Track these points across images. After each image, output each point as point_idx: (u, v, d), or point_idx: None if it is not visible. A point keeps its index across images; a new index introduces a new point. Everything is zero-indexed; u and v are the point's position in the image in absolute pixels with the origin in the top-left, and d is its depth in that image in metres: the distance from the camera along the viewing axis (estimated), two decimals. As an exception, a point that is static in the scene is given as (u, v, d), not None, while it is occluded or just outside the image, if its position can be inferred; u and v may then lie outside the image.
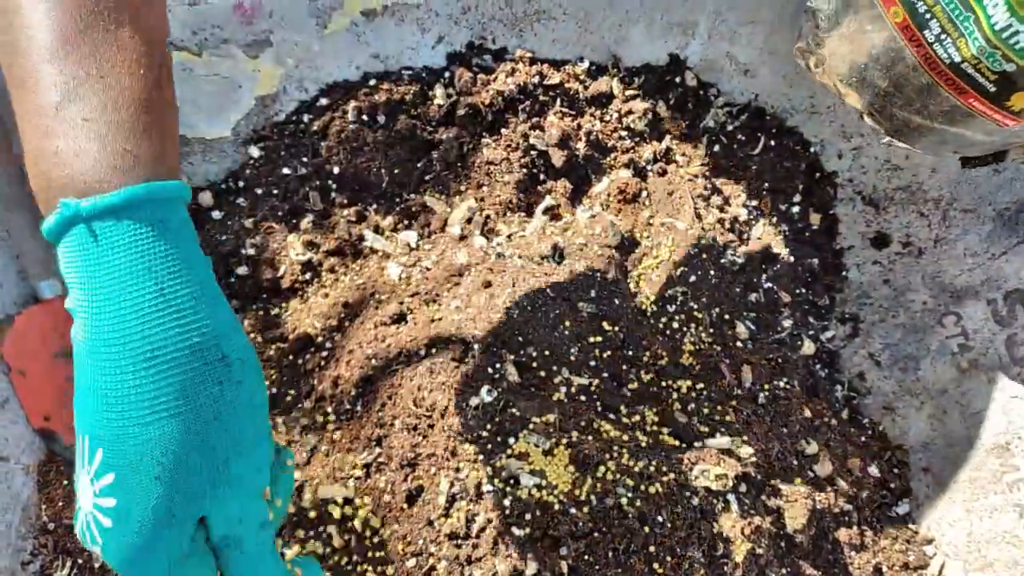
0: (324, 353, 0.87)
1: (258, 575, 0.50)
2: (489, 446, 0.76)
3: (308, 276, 0.92)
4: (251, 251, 0.93)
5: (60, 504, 0.86)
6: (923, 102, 0.69)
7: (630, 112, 0.98)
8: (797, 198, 1.00)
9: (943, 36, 0.63)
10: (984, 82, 0.63)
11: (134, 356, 0.43)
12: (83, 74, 0.45)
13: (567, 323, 0.84)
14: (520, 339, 0.83)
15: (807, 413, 0.89)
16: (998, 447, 0.84)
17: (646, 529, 0.71)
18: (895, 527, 0.86)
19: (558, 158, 0.96)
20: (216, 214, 0.97)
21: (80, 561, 0.85)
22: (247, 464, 0.47)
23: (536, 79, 0.98)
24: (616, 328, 0.86)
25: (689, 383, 0.85)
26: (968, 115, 0.66)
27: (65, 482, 0.88)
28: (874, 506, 0.87)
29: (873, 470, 0.88)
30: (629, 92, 0.99)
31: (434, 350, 0.83)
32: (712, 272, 0.93)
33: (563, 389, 0.80)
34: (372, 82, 0.97)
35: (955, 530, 0.85)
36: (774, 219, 0.99)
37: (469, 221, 0.94)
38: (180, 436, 0.44)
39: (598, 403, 0.80)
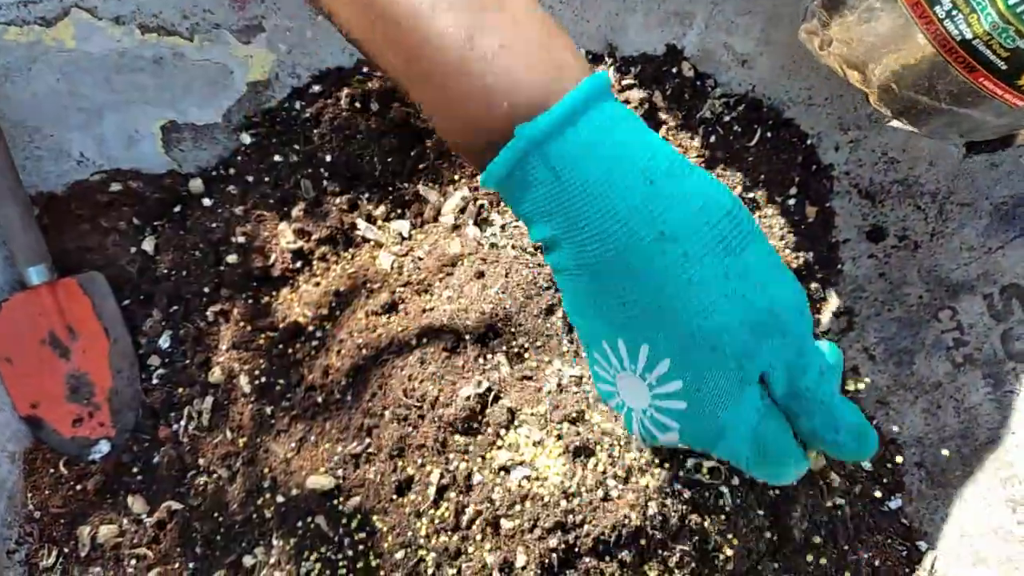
0: (314, 342, 0.86)
1: (834, 422, 0.50)
2: (479, 437, 0.76)
3: (299, 265, 0.91)
4: (241, 239, 0.92)
5: (46, 492, 0.86)
6: (932, 82, 0.67)
7: (626, 102, 0.97)
8: (793, 191, 0.99)
9: (954, 12, 0.61)
10: (995, 60, 0.61)
11: (669, 249, 0.44)
12: (479, 8, 0.44)
13: (560, 313, 0.83)
14: (512, 330, 0.82)
15: (801, 407, 0.88)
16: (992, 442, 0.84)
17: (637, 522, 0.71)
18: (888, 522, 0.86)
19: (553, 148, 0.95)
20: (206, 201, 0.96)
21: (66, 550, 0.84)
22: (788, 310, 0.48)
23: (531, 68, 0.97)
24: (609, 319, 0.85)
25: (682, 375, 0.84)
26: (978, 95, 0.65)
27: (51, 470, 0.87)
28: (867, 501, 0.87)
29: (866, 464, 0.88)
30: (625, 82, 0.98)
31: (425, 340, 0.82)
32: (707, 264, 0.92)
33: (554, 380, 0.79)
34: (366, 69, 0.96)
35: (948, 525, 0.84)
36: (770, 212, 0.98)
37: (463, 211, 0.93)
38: (728, 306, 0.45)
39: (590, 394, 0.79)
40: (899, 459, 0.90)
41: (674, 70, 1.00)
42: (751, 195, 0.98)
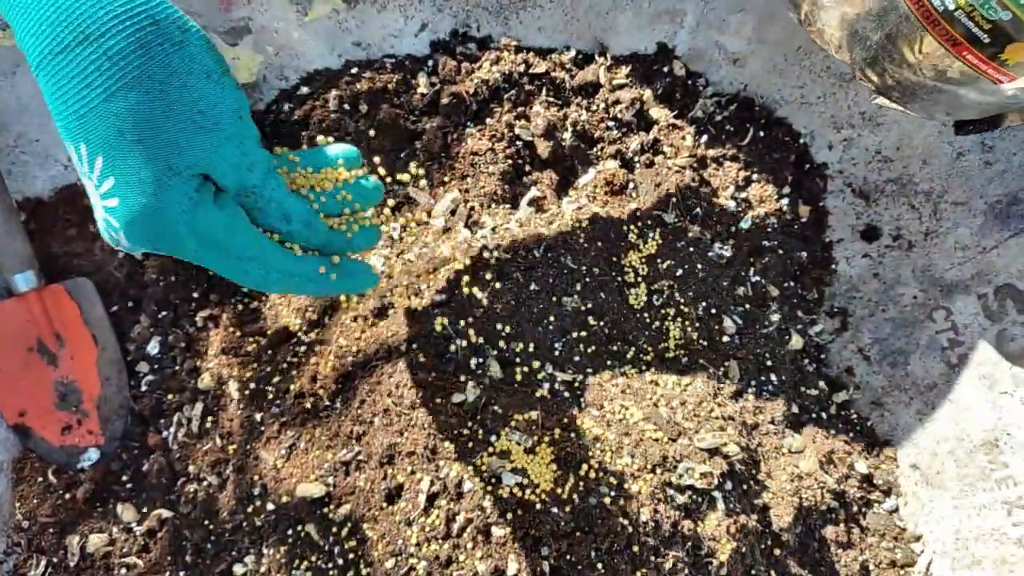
0: (303, 348, 0.85)
1: (284, 213, 0.56)
2: (470, 444, 0.75)
3: (288, 269, 0.90)
4: (230, 243, 0.91)
5: (35, 501, 0.85)
6: (915, 56, 0.66)
7: (617, 102, 0.97)
8: (786, 190, 0.98)
9: None
10: (978, 32, 0.60)
11: (72, 38, 0.46)
12: None
13: (551, 318, 0.82)
14: (503, 334, 0.81)
15: (794, 409, 0.87)
16: (987, 443, 0.83)
17: (629, 528, 0.70)
18: (882, 524, 0.85)
19: (544, 149, 0.94)
20: (194, 205, 0.95)
21: (55, 560, 0.83)
22: (222, 112, 0.51)
23: (521, 68, 0.96)
24: (601, 323, 0.84)
25: (675, 378, 0.83)
26: (961, 70, 0.64)
27: (40, 479, 0.86)
28: (861, 503, 0.86)
29: (861, 466, 0.87)
30: (616, 81, 0.97)
31: (415, 345, 0.81)
32: (699, 265, 0.92)
33: (546, 385, 0.79)
34: (354, 70, 0.95)
35: (943, 527, 0.84)
36: (763, 211, 0.97)
37: (453, 213, 0.92)
38: (145, 100, 0.47)
39: (581, 400, 0.78)
40: (894, 460, 0.90)
41: (665, 69, 0.99)
42: (743, 194, 0.97)
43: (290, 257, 0.58)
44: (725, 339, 0.88)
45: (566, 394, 0.79)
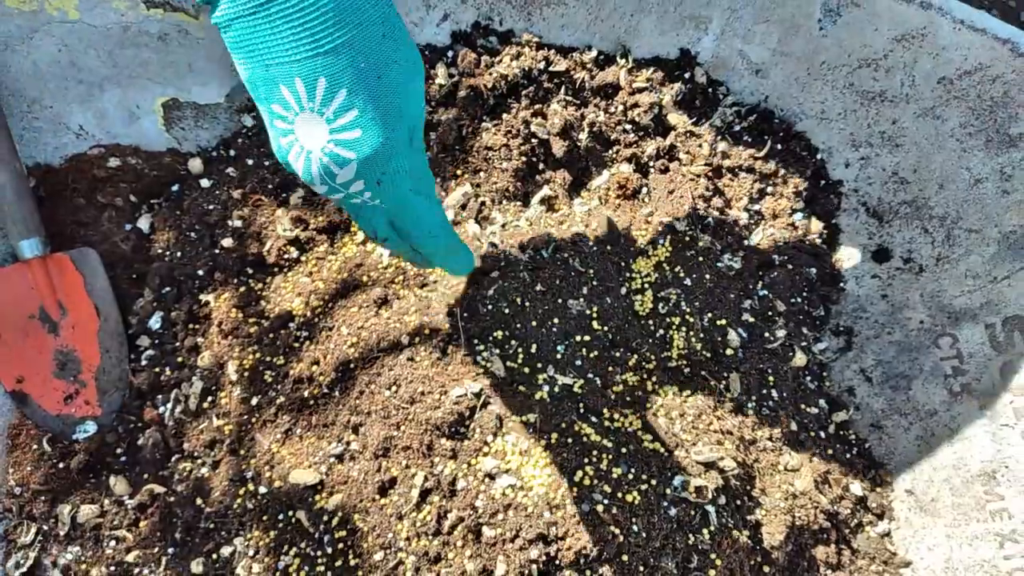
0: (305, 333, 0.85)
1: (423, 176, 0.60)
2: (466, 442, 0.75)
3: (295, 253, 0.89)
4: (238, 223, 0.91)
5: (28, 468, 0.85)
6: None
7: (636, 105, 0.96)
8: (800, 205, 0.97)
9: None
10: None
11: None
12: None
13: (555, 320, 0.82)
14: (506, 333, 0.81)
15: (793, 426, 0.87)
16: (984, 474, 0.83)
17: (620, 538, 0.70)
18: (873, 547, 0.85)
19: (559, 148, 0.93)
20: (205, 182, 0.94)
21: (45, 528, 0.83)
22: (419, 66, 0.54)
23: (542, 64, 0.95)
24: (605, 328, 0.84)
25: (676, 388, 0.83)
26: None
27: (34, 446, 0.86)
28: (854, 525, 0.86)
29: (856, 488, 0.87)
30: (636, 84, 0.96)
31: (417, 339, 0.81)
32: (707, 276, 0.91)
33: (546, 388, 0.78)
34: (373, 57, 0.94)
35: (934, 555, 0.84)
36: (775, 225, 0.96)
37: (464, 207, 0.91)
38: (379, 44, 0.51)
39: (581, 405, 0.78)
40: (889, 484, 0.90)
41: (687, 75, 0.98)
42: (757, 207, 0.97)
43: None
44: (729, 352, 0.88)
45: (565, 398, 0.78)
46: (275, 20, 0.48)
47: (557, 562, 0.70)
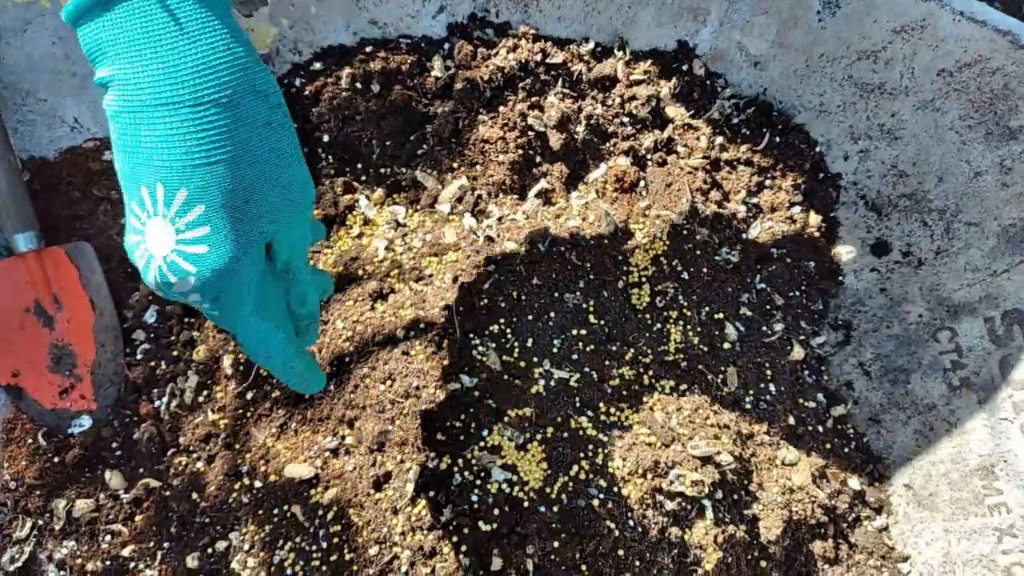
0: (301, 327, 0.84)
1: (306, 292, 0.60)
2: (462, 437, 0.74)
3: (290, 247, 0.89)
4: (233, 217, 0.91)
5: (23, 463, 0.85)
6: None
7: (633, 98, 0.95)
8: (798, 198, 0.97)
9: None
10: None
11: (201, 101, 0.48)
12: None
13: (552, 314, 0.81)
14: (502, 327, 0.80)
15: (791, 420, 0.87)
16: (983, 469, 0.82)
17: (616, 532, 0.70)
18: (871, 542, 0.85)
19: (556, 140, 0.93)
20: (200, 176, 0.94)
21: (41, 522, 0.83)
22: (302, 189, 0.53)
23: (539, 57, 0.95)
24: (602, 322, 0.83)
25: (672, 383, 0.82)
26: None
27: (29, 440, 0.86)
28: (851, 519, 0.86)
29: (853, 482, 0.87)
30: (634, 77, 0.96)
31: (412, 333, 0.80)
32: (705, 269, 0.91)
33: (542, 382, 0.78)
34: (368, 49, 0.94)
35: (932, 549, 0.83)
36: (773, 218, 0.96)
37: (460, 200, 0.91)
38: (254, 166, 0.50)
39: (577, 399, 0.77)
40: (887, 478, 0.89)
41: (684, 67, 0.98)
42: (755, 200, 0.96)
43: (293, 341, 0.60)
44: (726, 346, 0.87)
45: (561, 392, 0.78)
46: (155, 121, 0.48)
47: (553, 557, 0.69)
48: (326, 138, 0.92)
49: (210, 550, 0.79)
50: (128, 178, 0.50)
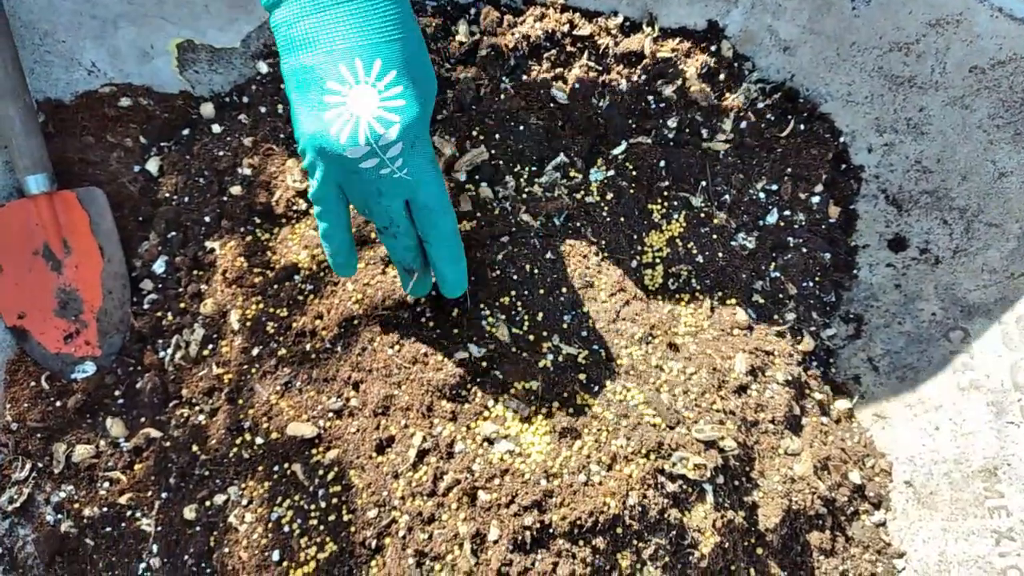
0: (310, 286, 0.84)
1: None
2: (467, 405, 0.74)
3: (303, 206, 0.88)
4: (248, 171, 0.90)
5: (25, 405, 0.85)
6: None
7: (659, 76, 0.94)
8: (819, 188, 0.96)
9: None
10: None
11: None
12: None
13: (563, 289, 0.81)
14: (513, 299, 0.80)
15: (796, 410, 0.86)
16: (986, 471, 0.82)
17: (615, 510, 0.70)
18: (868, 536, 0.85)
19: (578, 114, 0.92)
20: (216, 127, 0.93)
21: (40, 465, 0.83)
22: (432, 73, 0.68)
23: (566, 27, 0.93)
24: (613, 299, 0.83)
25: (680, 366, 0.82)
26: None
27: (32, 383, 0.86)
28: (850, 512, 0.86)
29: (854, 476, 0.86)
30: (661, 54, 0.94)
31: (423, 299, 0.80)
32: (720, 254, 0.90)
33: (550, 357, 0.77)
34: (394, 9, 0.92)
35: (928, 547, 0.83)
36: (792, 207, 0.95)
37: (477, 169, 0.90)
38: (414, 48, 0.65)
39: (584, 375, 0.77)
40: (888, 474, 0.89)
41: (713, 48, 0.96)
42: (775, 187, 0.95)
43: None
44: (737, 332, 0.87)
45: (569, 368, 0.77)
46: (343, 16, 0.62)
47: (551, 530, 0.69)
48: (346, 97, 0.91)
49: (208, 503, 0.79)
50: (321, 65, 0.63)
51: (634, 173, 0.91)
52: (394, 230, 0.70)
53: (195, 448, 0.81)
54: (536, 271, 0.80)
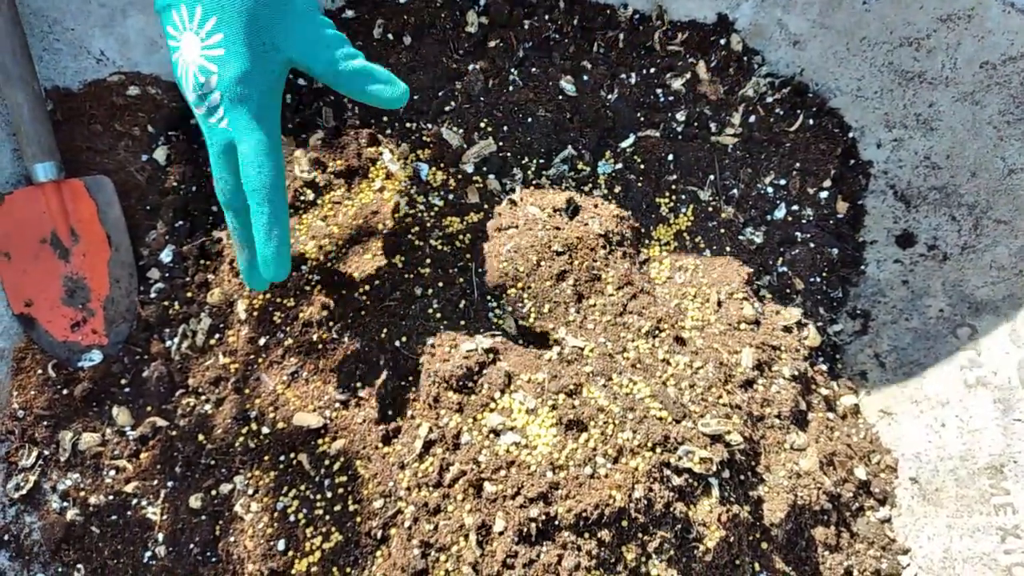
0: (317, 277, 0.84)
1: (366, 82, 0.69)
2: (473, 397, 0.74)
3: (311, 196, 0.88)
4: (255, 161, 0.90)
5: (32, 393, 0.85)
6: None
7: (668, 69, 0.93)
8: (827, 183, 0.95)
9: None
10: None
11: None
12: None
13: (570, 281, 0.81)
14: (520, 291, 0.80)
15: (802, 405, 0.86)
16: (992, 468, 0.82)
17: (621, 503, 0.69)
18: (872, 532, 0.85)
19: (586, 106, 0.91)
20: (224, 117, 0.93)
21: (46, 452, 0.83)
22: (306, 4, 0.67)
23: (576, 20, 0.93)
24: (620, 293, 0.82)
25: (687, 359, 0.82)
26: None
27: (39, 371, 0.86)
28: (855, 508, 0.86)
29: (860, 472, 0.86)
30: (671, 48, 0.94)
31: (430, 291, 0.80)
32: (728, 248, 0.90)
33: (557, 349, 0.77)
34: (402, 0, 0.92)
35: (933, 544, 0.83)
36: (800, 202, 0.95)
37: (485, 161, 0.90)
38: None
39: (590, 368, 0.77)
40: (894, 471, 0.89)
41: (722, 41, 0.96)
42: (783, 182, 0.95)
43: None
44: (743, 326, 0.86)
45: (575, 360, 0.77)
46: None
47: (556, 522, 0.69)
48: (354, 88, 0.91)
49: (214, 492, 0.79)
50: (165, 9, 0.66)
51: (642, 166, 0.91)
52: (222, 185, 0.71)
53: (201, 437, 0.81)
54: (542, 263, 0.80)
